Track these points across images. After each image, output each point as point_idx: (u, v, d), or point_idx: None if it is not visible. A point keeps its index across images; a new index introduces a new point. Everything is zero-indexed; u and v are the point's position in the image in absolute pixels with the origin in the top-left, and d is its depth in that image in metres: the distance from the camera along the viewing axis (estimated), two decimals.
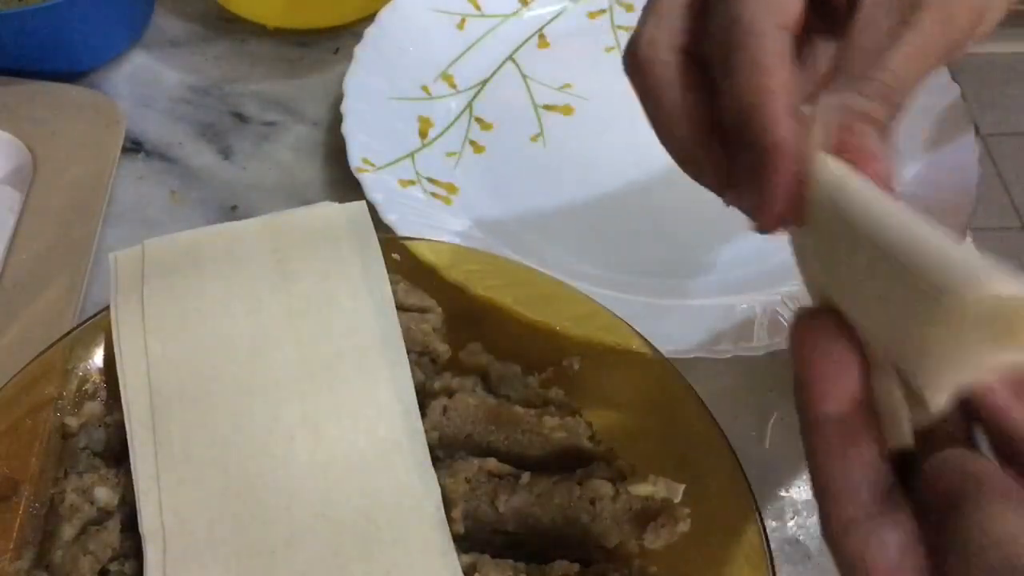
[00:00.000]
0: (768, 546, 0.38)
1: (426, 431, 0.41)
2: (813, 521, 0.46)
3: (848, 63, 0.31)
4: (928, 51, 0.31)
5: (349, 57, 0.60)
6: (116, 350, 0.42)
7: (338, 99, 0.58)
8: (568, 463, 0.41)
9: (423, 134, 0.60)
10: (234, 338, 0.42)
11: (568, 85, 0.64)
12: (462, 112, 0.62)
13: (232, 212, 0.58)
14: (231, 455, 0.39)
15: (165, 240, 0.45)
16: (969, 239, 0.55)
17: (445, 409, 0.42)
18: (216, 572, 0.37)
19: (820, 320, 0.27)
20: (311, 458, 0.39)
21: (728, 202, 0.33)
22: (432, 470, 0.39)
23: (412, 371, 0.43)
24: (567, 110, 0.63)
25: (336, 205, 0.47)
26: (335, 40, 0.66)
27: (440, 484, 0.39)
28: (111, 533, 0.38)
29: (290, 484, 0.39)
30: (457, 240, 0.51)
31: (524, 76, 0.64)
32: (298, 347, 0.42)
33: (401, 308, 0.44)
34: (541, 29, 0.67)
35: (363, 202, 0.47)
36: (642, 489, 0.39)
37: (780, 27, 0.31)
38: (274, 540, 0.37)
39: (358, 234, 0.45)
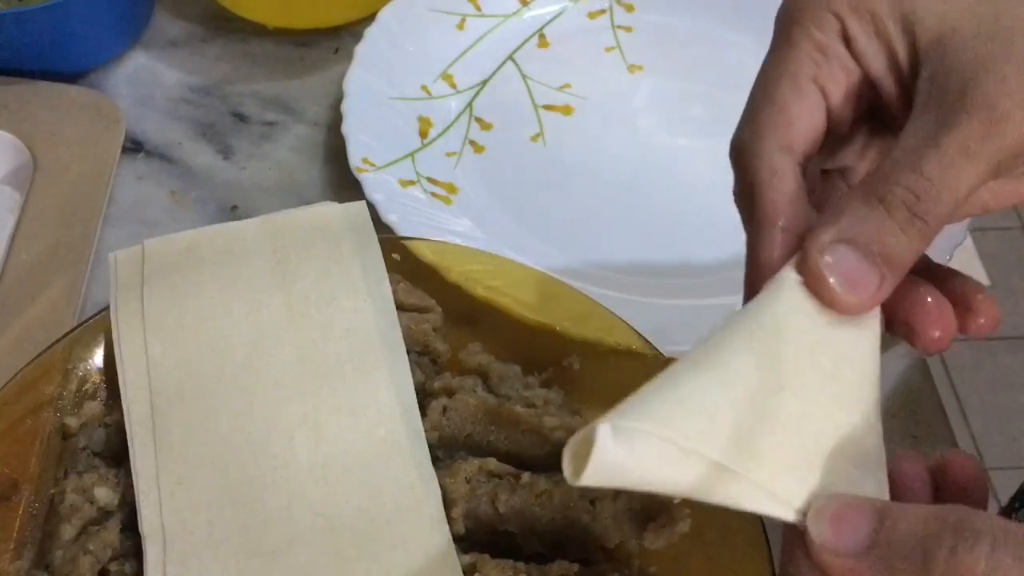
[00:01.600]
0: (768, 546, 0.38)
1: (426, 431, 0.41)
2: None
3: (883, 165, 0.29)
4: (969, 154, 0.28)
5: (349, 57, 0.60)
6: (116, 350, 0.42)
7: (338, 99, 0.58)
8: None
9: (423, 134, 0.60)
10: (234, 338, 0.42)
11: (568, 85, 0.64)
12: (462, 112, 0.62)
13: (232, 212, 0.58)
14: (231, 455, 0.39)
15: (165, 240, 0.45)
16: (968, 240, 0.55)
17: (445, 409, 0.42)
18: (216, 572, 0.36)
19: None
20: (311, 458, 0.39)
21: None
22: (432, 470, 0.39)
23: (412, 371, 0.43)
24: (567, 110, 0.63)
25: (336, 205, 0.47)
26: (335, 40, 0.66)
27: (440, 484, 0.39)
28: (111, 533, 0.38)
29: (290, 484, 0.38)
30: (457, 240, 0.51)
31: (524, 76, 0.64)
32: (298, 347, 0.42)
33: (401, 308, 0.44)
34: (541, 29, 0.67)
35: (363, 202, 0.47)
36: None
37: (781, 149, 0.31)
38: (274, 540, 0.37)
39: (358, 234, 0.45)
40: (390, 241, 0.47)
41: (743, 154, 0.32)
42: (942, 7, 0.30)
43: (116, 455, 0.41)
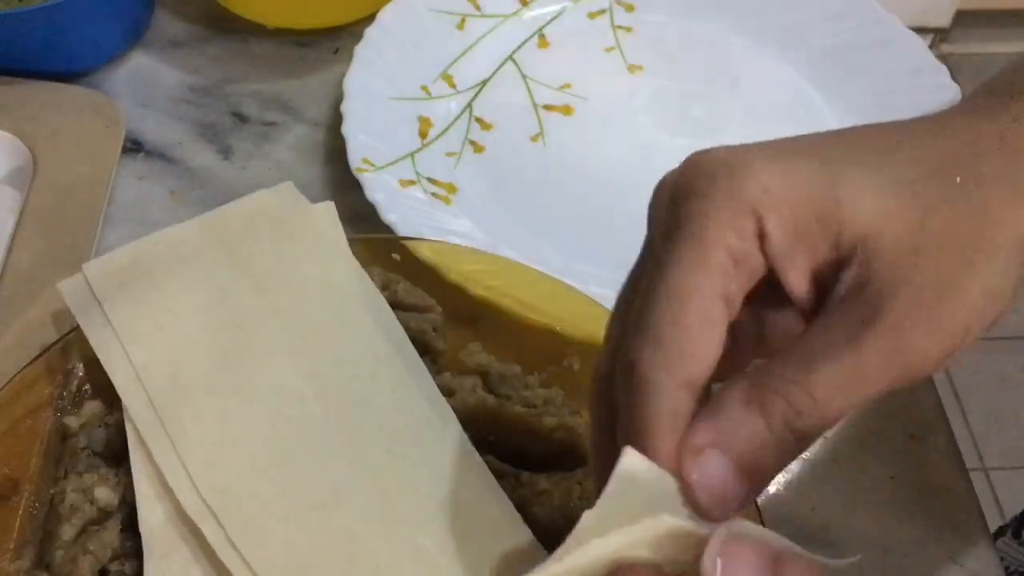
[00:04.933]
0: None
1: None
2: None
3: (775, 362, 0.26)
4: (864, 380, 0.26)
5: (349, 57, 0.60)
6: (106, 368, 0.41)
7: (338, 99, 0.58)
8: (568, 463, 0.41)
9: (423, 134, 0.60)
10: (215, 326, 0.42)
11: (568, 85, 0.64)
12: (462, 112, 0.62)
13: None
14: (250, 428, 0.39)
15: (104, 260, 0.45)
16: None
17: None
18: (278, 532, 0.37)
19: None
20: (325, 412, 0.40)
21: None
22: (442, 398, 0.41)
23: None
24: (567, 110, 0.63)
25: (265, 190, 0.47)
26: (335, 40, 0.66)
27: None
28: (111, 533, 0.38)
29: (316, 442, 0.39)
30: (457, 240, 0.51)
31: (524, 76, 0.64)
32: (279, 317, 0.43)
33: (401, 308, 0.44)
34: (541, 29, 0.67)
35: (289, 183, 0.48)
36: None
37: (680, 386, 0.27)
38: (322, 494, 0.38)
39: (295, 209, 0.46)
40: (390, 241, 0.47)
41: (641, 381, 0.27)
42: (869, 203, 0.27)
43: (116, 455, 0.41)
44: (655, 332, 0.27)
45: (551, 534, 0.39)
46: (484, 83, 0.64)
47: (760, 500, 0.38)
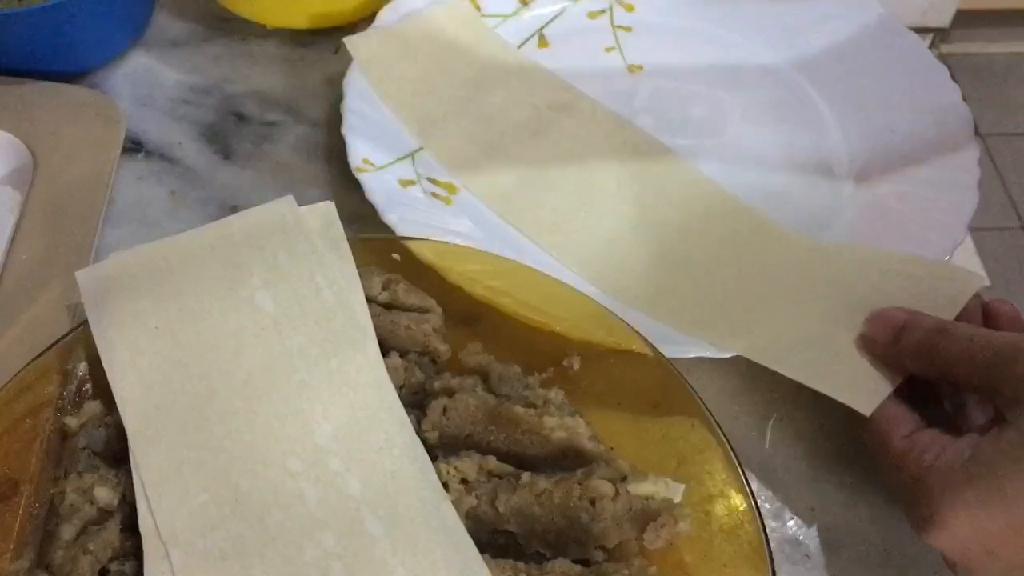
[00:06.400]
0: (768, 546, 0.38)
1: (426, 431, 0.41)
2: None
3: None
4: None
5: (349, 57, 0.60)
6: (106, 367, 0.41)
7: (338, 99, 0.58)
8: (568, 463, 0.41)
9: None
10: (217, 338, 0.42)
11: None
12: None
13: (232, 212, 0.57)
14: (232, 447, 0.39)
15: (129, 253, 0.45)
16: (969, 239, 0.55)
17: (445, 409, 0.42)
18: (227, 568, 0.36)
19: None
20: (304, 444, 0.40)
21: None
22: (418, 440, 0.40)
23: (412, 371, 0.43)
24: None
25: (263, 206, 0.47)
26: (335, 40, 0.66)
27: (440, 484, 0.39)
28: (111, 533, 0.38)
29: (294, 474, 0.39)
30: (457, 240, 0.51)
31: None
32: (272, 342, 0.42)
33: (401, 308, 0.44)
34: (541, 29, 0.67)
35: (290, 196, 0.47)
36: (642, 489, 0.39)
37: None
38: (289, 529, 0.37)
39: (291, 228, 0.46)
40: (390, 241, 0.47)
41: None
42: None
43: (116, 455, 0.41)
44: None
45: (551, 534, 0.39)
46: None
47: (760, 500, 0.38)
